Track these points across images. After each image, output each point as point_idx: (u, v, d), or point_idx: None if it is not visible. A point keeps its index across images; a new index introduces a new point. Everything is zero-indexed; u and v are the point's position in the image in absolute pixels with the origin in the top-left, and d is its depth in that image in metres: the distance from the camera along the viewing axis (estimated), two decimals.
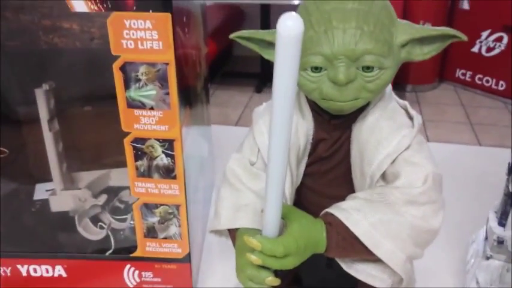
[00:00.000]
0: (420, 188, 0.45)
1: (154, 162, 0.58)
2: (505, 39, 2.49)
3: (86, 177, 0.72)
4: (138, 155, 0.58)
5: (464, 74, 2.51)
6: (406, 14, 2.25)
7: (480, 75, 2.44)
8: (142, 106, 0.55)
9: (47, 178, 0.69)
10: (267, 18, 2.39)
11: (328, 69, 0.45)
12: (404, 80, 2.37)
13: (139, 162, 0.58)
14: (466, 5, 2.41)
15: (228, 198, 0.52)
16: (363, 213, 0.45)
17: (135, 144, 0.57)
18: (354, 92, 0.46)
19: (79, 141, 0.72)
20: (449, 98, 2.46)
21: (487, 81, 2.49)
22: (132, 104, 0.55)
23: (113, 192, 0.70)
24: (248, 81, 2.52)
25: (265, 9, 2.36)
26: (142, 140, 0.57)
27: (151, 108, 0.55)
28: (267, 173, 0.40)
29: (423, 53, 0.48)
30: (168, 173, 0.58)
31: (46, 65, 0.63)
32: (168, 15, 0.49)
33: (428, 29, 0.47)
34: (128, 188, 0.62)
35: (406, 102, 0.53)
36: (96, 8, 0.49)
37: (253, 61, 2.56)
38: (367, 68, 0.45)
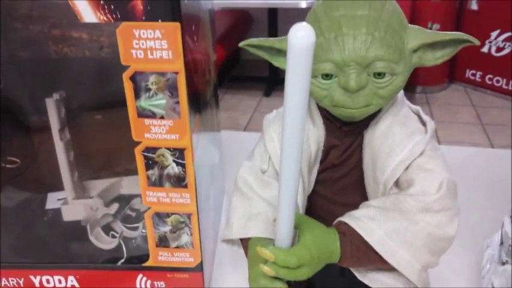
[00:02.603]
0: (435, 196, 0.45)
1: (165, 171, 0.58)
2: None
3: (98, 185, 0.72)
4: (149, 164, 0.57)
5: (474, 75, 2.49)
6: (414, 15, 2.24)
7: (490, 75, 2.42)
8: (152, 115, 0.54)
9: (59, 187, 0.69)
10: (275, 22, 2.39)
11: (339, 76, 0.45)
12: (414, 81, 2.36)
13: (150, 172, 0.58)
14: (474, 6, 2.39)
15: (239, 207, 0.52)
16: (377, 222, 0.44)
17: (146, 154, 0.57)
18: (365, 98, 0.45)
19: (90, 149, 0.73)
20: (460, 99, 2.44)
21: (497, 81, 2.47)
22: (143, 114, 0.54)
23: (125, 200, 0.70)
24: (256, 85, 2.52)
25: (273, 13, 2.36)
26: (153, 149, 0.57)
27: (162, 118, 0.55)
28: (280, 183, 0.40)
29: (435, 58, 0.48)
30: (179, 181, 0.58)
31: (56, 75, 0.63)
32: (178, 25, 0.49)
33: (439, 34, 0.46)
34: (139, 196, 0.62)
35: (418, 108, 0.52)
36: (105, 18, 0.49)
37: (261, 65, 2.56)
38: (379, 75, 0.45)
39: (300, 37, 0.27)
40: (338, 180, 0.54)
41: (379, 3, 0.45)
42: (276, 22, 2.39)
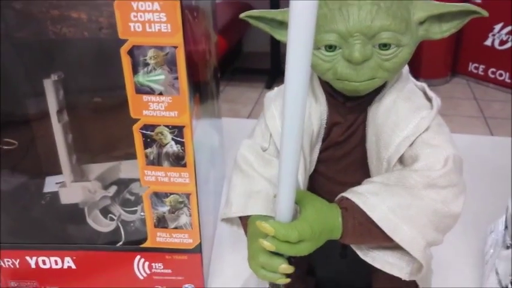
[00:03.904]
0: (440, 171, 0.44)
1: (164, 150, 0.57)
2: None
3: (96, 169, 0.71)
4: (147, 142, 0.56)
5: (477, 68, 2.48)
6: None
7: (493, 69, 2.40)
8: (151, 91, 0.53)
9: (57, 171, 0.68)
10: None
11: (343, 47, 0.44)
12: (417, 74, 2.34)
13: (148, 150, 0.57)
14: None
15: (239, 185, 0.51)
16: (381, 197, 0.43)
17: (144, 131, 0.56)
18: (370, 71, 0.44)
19: (89, 133, 0.72)
20: (462, 92, 2.42)
21: (500, 75, 2.45)
22: (141, 90, 0.53)
23: (123, 184, 0.69)
24: (258, 78, 2.50)
25: (275, 5, 2.34)
26: (152, 127, 0.55)
27: (160, 94, 0.53)
28: (280, 157, 0.38)
29: (442, 31, 0.46)
30: (178, 160, 0.57)
31: (55, 56, 0.62)
32: None
33: (447, 5, 0.45)
34: (138, 180, 0.61)
35: (424, 84, 0.51)
36: None
37: (263, 57, 2.54)
38: (384, 46, 0.43)
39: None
40: (341, 159, 0.53)
41: None
42: None
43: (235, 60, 2.65)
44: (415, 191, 0.43)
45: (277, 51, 2.56)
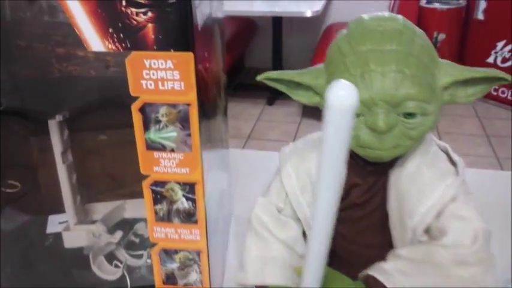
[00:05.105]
0: (470, 249, 0.41)
1: (175, 206, 0.54)
2: None
3: (100, 208, 0.70)
4: (158, 198, 0.54)
5: None
6: (420, 25, 2.21)
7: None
8: (162, 148, 0.51)
9: (60, 210, 0.65)
10: (279, 30, 2.36)
11: (366, 115, 0.42)
12: None
13: (158, 206, 0.55)
14: (481, 15, 2.36)
15: (254, 249, 0.49)
16: (409, 277, 0.41)
17: (154, 188, 0.53)
18: (394, 139, 0.42)
19: (93, 171, 0.70)
20: (465, 110, 2.41)
21: (503, 92, 2.44)
22: (152, 146, 0.51)
23: (128, 224, 0.67)
24: (260, 94, 2.49)
25: (277, 21, 2.33)
26: (162, 183, 0.53)
27: (172, 151, 0.51)
28: (310, 240, 0.36)
29: (467, 95, 0.44)
30: (189, 217, 0.55)
31: (60, 94, 0.60)
32: (190, 55, 0.46)
33: (472, 71, 0.43)
34: (143, 220, 0.59)
35: (446, 145, 0.49)
36: (114, 47, 0.46)
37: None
38: (409, 115, 0.41)
39: (341, 97, 0.24)
40: (359, 220, 0.51)
41: (408, 37, 0.42)
42: (281, 30, 2.36)
43: (237, 75, 2.63)
44: (444, 269, 0.41)
45: (279, 67, 2.55)
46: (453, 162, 0.47)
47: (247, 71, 2.74)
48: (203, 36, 0.51)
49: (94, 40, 0.45)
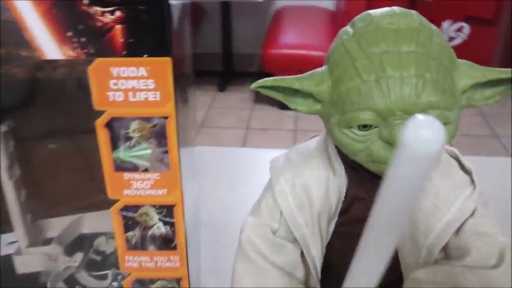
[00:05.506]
0: (498, 270, 0.37)
1: (150, 232, 0.47)
2: (466, 29, 2.50)
3: (55, 224, 0.61)
4: (129, 225, 0.47)
5: None
6: (368, 9, 2.20)
7: None
8: (134, 168, 0.44)
9: (9, 229, 0.58)
10: (228, 16, 2.27)
11: (380, 126, 0.36)
12: None
13: (130, 233, 0.47)
14: None
15: (248, 281, 0.43)
16: None
17: (125, 213, 0.46)
18: None
19: (44, 183, 0.62)
20: None
21: None
22: (121, 167, 0.43)
23: (87, 240, 0.60)
24: (210, 80, 2.41)
25: (226, 6, 2.24)
26: (134, 208, 0.46)
27: (146, 171, 0.44)
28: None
29: (485, 98, 0.39)
30: (167, 243, 0.48)
31: (3, 101, 0.51)
32: (168, 60, 0.38)
33: (494, 71, 0.38)
34: (103, 234, 0.53)
35: (455, 150, 0.44)
36: (73, 54, 0.37)
37: (214, 58, 2.44)
38: None
39: (426, 139, 0.18)
40: (360, 237, 0.45)
41: (426, 36, 0.36)
42: (229, 15, 2.28)
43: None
44: None
45: (228, 53, 2.47)
46: (465, 170, 0.43)
47: (196, 58, 2.65)
48: (178, 35, 0.43)
49: (49, 46, 0.37)
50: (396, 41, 0.36)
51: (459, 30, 2.46)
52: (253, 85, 0.39)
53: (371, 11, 0.38)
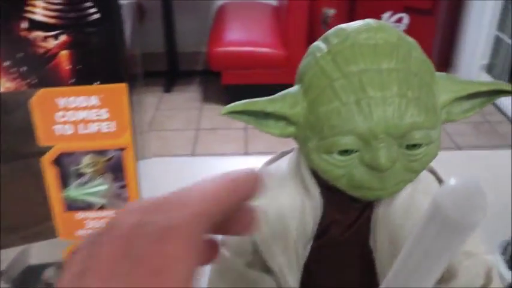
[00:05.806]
0: None
1: None
2: (406, 20, 2.55)
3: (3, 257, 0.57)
4: None
5: None
6: (309, 3, 2.19)
7: None
8: (88, 207, 0.39)
9: None
10: (170, 14, 2.20)
11: (362, 150, 0.33)
12: None
13: None
14: None
15: None
16: None
17: None
18: (396, 176, 0.34)
19: None
20: None
21: None
22: (73, 206, 0.39)
23: (35, 273, 0.55)
24: (155, 81, 2.33)
25: (167, 4, 2.17)
26: None
27: (101, 208, 0.39)
28: None
29: (463, 111, 0.37)
30: None
31: None
32: (123, 87, 0.34)
33: (474, 84, 0.36)
34: (52, 265, 0.50)
35: (430, 164, 0.43)
36: (12, 85, 0.32)
37: (158, 58, 2.36)
38: (413, 146, 0.34)
39: (465, 209, 0.14)
40: (338, 258, 0.43)
41: (406, 51, 0.34)
42: (171, 13, 2.21)
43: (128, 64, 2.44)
44: None
45: (172, 51, 2.39)
46: (441, 183, 0.41)
47: (139, 58, 2.56)
48: (130, 54, 0.39)
49: None
50: (375, 58, 0.33)
51: (399, 21, 2.51)
52: (223, 111, 0.35)
53: (344, 25, 0.35)
